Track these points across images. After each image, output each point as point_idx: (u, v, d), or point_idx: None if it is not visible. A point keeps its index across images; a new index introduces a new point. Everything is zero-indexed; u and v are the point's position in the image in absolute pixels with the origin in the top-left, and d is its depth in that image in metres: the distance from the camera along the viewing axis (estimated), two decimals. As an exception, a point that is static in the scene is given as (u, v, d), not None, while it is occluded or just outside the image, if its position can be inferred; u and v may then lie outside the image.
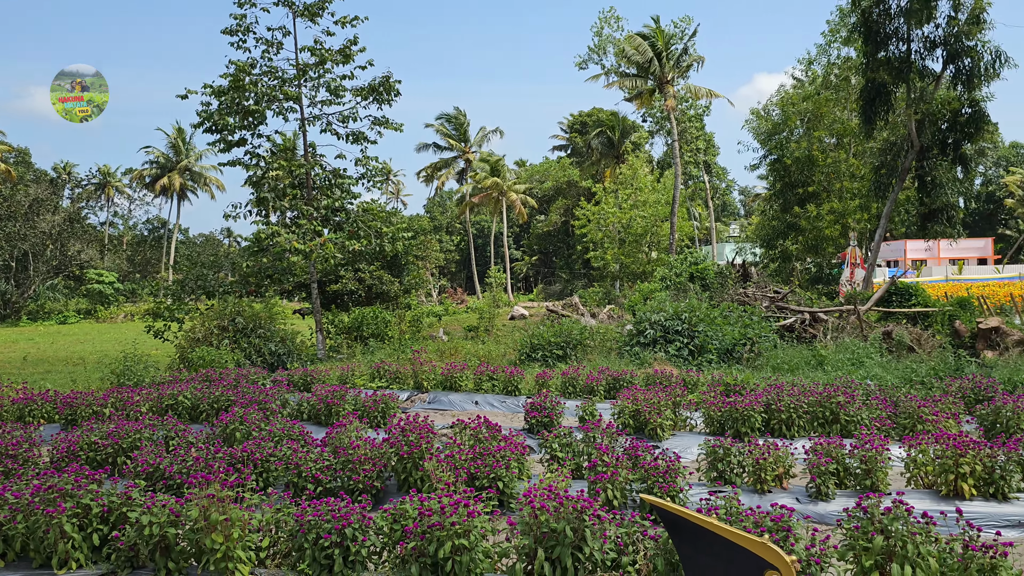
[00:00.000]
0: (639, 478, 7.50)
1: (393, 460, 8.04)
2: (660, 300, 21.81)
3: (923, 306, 23.37)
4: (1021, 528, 7.02)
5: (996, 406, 9.92)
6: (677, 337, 18.53)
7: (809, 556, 4.60)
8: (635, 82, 45.69)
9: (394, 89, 21.68)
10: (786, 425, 10.46)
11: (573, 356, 19.24)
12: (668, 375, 14.06)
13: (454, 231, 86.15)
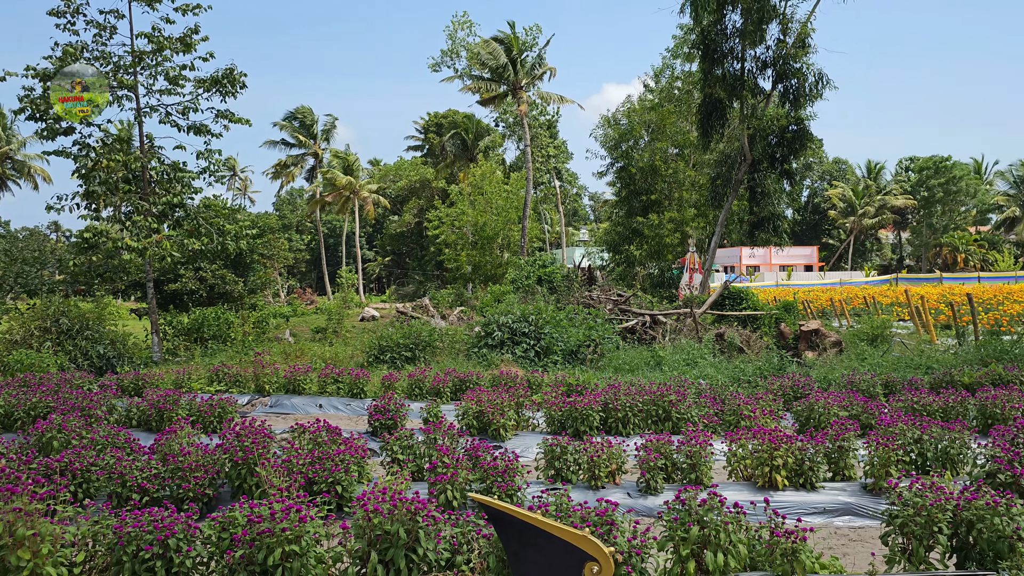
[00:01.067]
0: (479, 478, 7.60)
1: (227, 466, 7.78)
2: (509, 302, 22.17)
3: (753, 309, 24.89)
4: (825, 515, 7.63)
5: (810, 403, 10.72)
6: (524, 339, 18.89)
7: (631, 547, 4.82)
8: (489, 86, 46.23)
9: (239, 81, 20.93)
10: (622, 423, 10.88)
11: (422, 358, 19.23)
12: (513, 376, 14.31)
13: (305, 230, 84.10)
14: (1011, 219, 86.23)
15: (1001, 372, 13.47)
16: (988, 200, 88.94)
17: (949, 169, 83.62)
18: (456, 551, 5.58)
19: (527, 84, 46.36)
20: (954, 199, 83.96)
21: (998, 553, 5.19)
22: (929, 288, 48.32)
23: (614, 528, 4.89)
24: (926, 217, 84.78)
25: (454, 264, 48.71)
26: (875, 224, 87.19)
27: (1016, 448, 7.50)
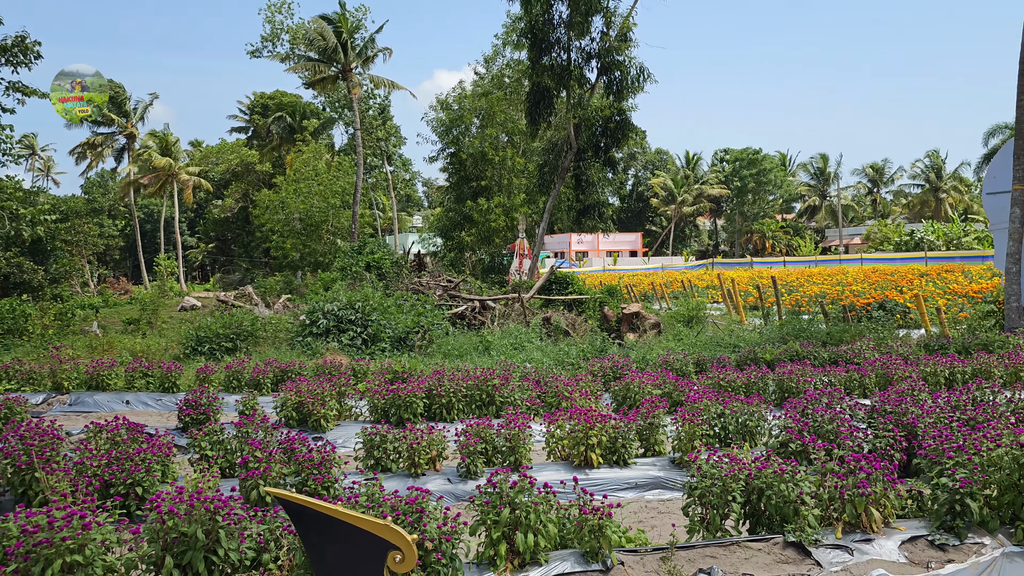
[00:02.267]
0: (293, 472, 7.34)
1: (8, 472, 7.09)
2: (336, 290, 21.66)
3: (578, 294, 25.65)
4: (637, 489, 7.94)
5: (626, 383, 11.13)
6: (351, 327, 18.52)
7: (441, 534, 4.78)
8: (318, 67, 44.80)
9: (32, 51, 19.15)
10: (446, 409, 10.87)
11: (243, 349, 18.44)
12: (338, 365, 13.98)
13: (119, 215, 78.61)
14: (812, 207, 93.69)
15: (798, 349, 14.55)
16: (792, 190, 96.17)
17: (759, 161, 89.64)
18: (263, 549, 5.34)
19: (357, 66, 45.35)
20: (763, 189, 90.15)
21: (784, 517, 5.55)
22: (741, 272, 51.71)
23: (424, 515, 4.83)
24: (739, 205, 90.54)
25: (280, 251, 47.05)
26: (694, 212, 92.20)
27: (805, 419, 8.09)
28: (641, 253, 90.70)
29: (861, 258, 57.44)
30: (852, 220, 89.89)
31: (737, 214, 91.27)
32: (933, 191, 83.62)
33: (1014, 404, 8.63)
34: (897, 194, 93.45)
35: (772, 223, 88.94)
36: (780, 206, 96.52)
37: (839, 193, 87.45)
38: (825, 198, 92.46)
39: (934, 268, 40.92)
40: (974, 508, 5.37)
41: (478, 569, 5.21)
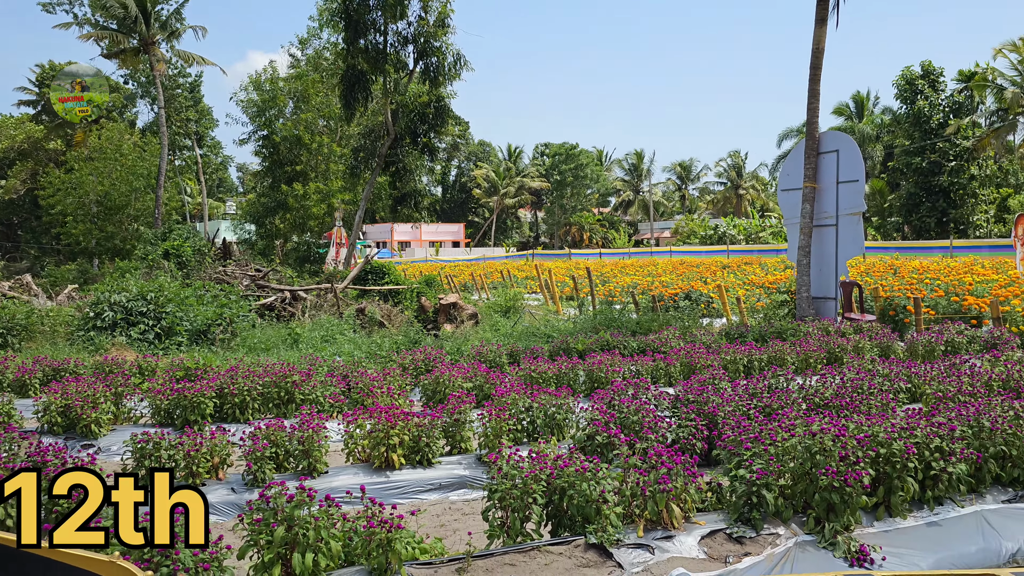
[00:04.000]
0: (45, 488, 6.32)
1: None
2: (128, 280, 19.82)
3: (395, 284, 25.01)
4: (441, 490, 7.50)
5: (436, 376, 10.68)
6: (142, 319, 16.95)
7: (198, 562, 4.10)
8: (116, 37, 41.18)
9: None
10: (240, 409, 9.98)
11: (15, 345, 16.44)
12: (121, 362, 12.64)
13: None
14: (626, 202, 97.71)
15: (609, 338, 14.70)
16: (608, 185, 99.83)
17: (577, 155, 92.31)
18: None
19: (161, 40, 42.13)
20: (581, 183, 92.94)
21: (587, 517, 5.28)
22: (559, 263, 52.84)
23: (178, 541, 4.12)
24: (558, 199, 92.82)
25: (72, 237, 42.97)
26: (515, 204, 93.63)
27: (612, 410, 7.97)
28: (464, 244, 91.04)
29: (670, 251, 60.31)
30: (663, 215, 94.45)
31: (556, 207, 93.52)
32: (734, 189, 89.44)
33: (805, 391, 8.94)
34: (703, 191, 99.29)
35: (589, 216, 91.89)
36: (597, 200, 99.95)
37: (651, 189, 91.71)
38: (639, 193, 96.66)
39: (735, 260, 43.57)
40: (769, 499, 5.32)
41: (248, 597, 4.57)
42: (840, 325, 15.71)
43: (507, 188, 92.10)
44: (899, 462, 5.49)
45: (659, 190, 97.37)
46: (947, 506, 5.80)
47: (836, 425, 5.67)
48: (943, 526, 5.58)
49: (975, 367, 9.84)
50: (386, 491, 7.25)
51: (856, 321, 16.13)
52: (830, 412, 7.43)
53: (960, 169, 51.09)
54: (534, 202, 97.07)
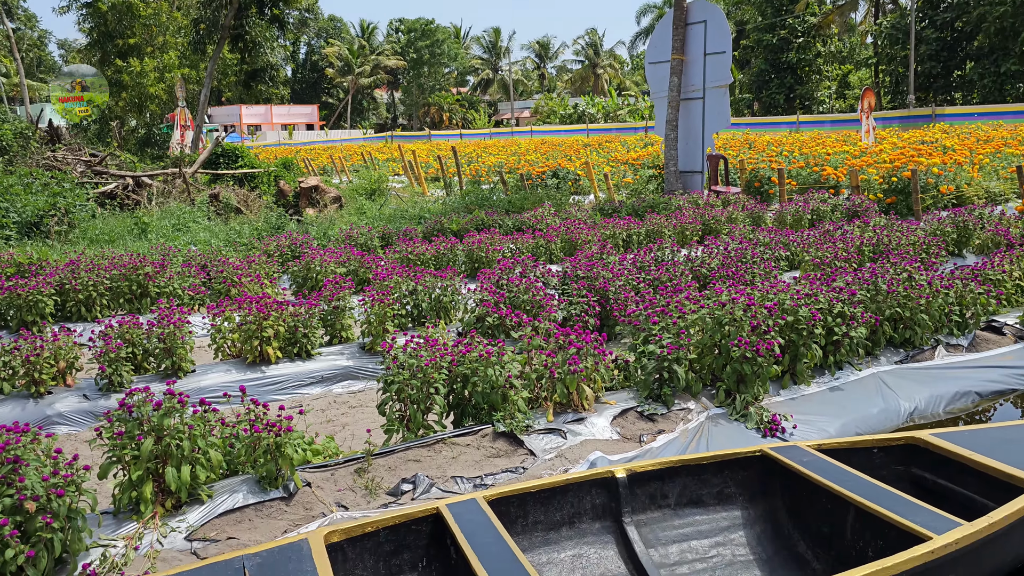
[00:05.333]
0: None
1: None
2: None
3: (250, 167, 23.41)
4: (324, 383, 6.96)
5: (307, 261, 9.94)
6: (-40, 212, 15.02)
7: (49, 487, 3.43)
8: None
9: None
10: (86, 307, 8.94)
11: None
12: (-62, 260, 11.10)
13: None
14: (485, 81, 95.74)
15: (483, 217, 14.23)
16: (467, 63, 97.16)
17: (433, 32, 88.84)
18: None
19: None
20: (438, 61, 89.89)
21: (492, 404, 4.91)
22: (420, 144, 51.46)
23: (20, 465, 3.43)
24: (415, 78, 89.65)
25: None
26: (371, 84, 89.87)
27: (501, 290, 7.57)
28: (319, 126, 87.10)
29: (531, 130, 59.86)
30: (522, 94, 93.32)
31: (414, 86, 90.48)
32: (592, 67, 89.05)
33: (691, 262, 8.83)
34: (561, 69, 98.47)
35: (448, 96, 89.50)
36: (455, 79, 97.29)
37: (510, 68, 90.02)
38: (497, 72, 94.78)
39: (596, 139, 43.69)
40: (680, 373, 5.11)
41: (116, 520, 3.95)
42: (708, 198, 15.86)
43: (362, 67, 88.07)
44: (805, 329, 5.39)
45: (518, 68, 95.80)
46: (846, 370, 5.80)
47: (743, 294, 5.48)
48: (845, 390, 5.58)
49: (848, 233, 10.03)
50: (263, 387, 6.64)
51: (723, 194, 16.34)
52: (717, 283, 7.32)
53: (807, 46, 52.62)
54: (390, 82, 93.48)
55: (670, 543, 3.79)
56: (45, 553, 3.40)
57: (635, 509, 3.81)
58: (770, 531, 3.87)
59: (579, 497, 3.74)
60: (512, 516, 3.62)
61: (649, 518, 3.83)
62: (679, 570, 3.68)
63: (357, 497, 4.23)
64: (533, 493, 3.64)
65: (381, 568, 3.38)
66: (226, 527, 3.94)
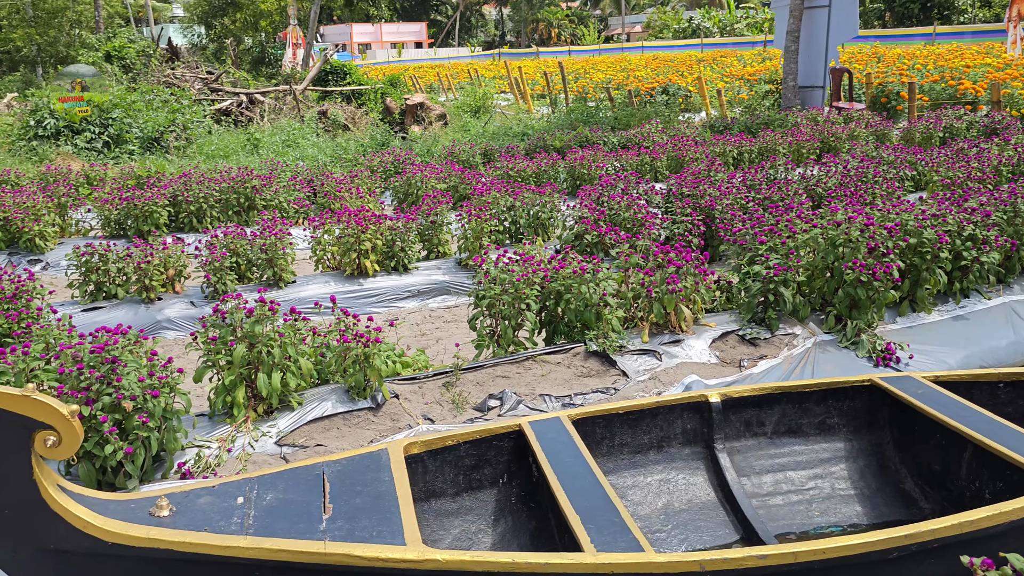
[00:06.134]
0: (-24, 308, 5.68)
1: None
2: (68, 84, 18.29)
3: (357, 84, 23.53)
4: (419, 297, 6.97)
5: (407, 177, 9.91)
6: (87, 127, 15.68)
7: (146, 388, 3.52)
8: None
9: None
10: (197, 218, 9.23)
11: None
12: (66, 171, 11.66)
13: None
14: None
15: (588, 134, 13.86)
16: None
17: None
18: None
19: None
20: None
21: (585, 323, 4.76)
22: (527, 61, 50.52)
23: (118, 366, 3.52)
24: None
25: (10, 44, 39.87)
26: (479, 0, 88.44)
27: (601, 207, 7.34)
28: (427, 44, 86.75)
29: (642, 46, 57.81)
30: (634, 8, 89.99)
31: (523, 2, 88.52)
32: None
33: (806, 181, 8.33)
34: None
35: (557, 11, 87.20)
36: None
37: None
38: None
39: (710, 54, 41.78)
40: (787, 296, 4.81)
41: (211, 423, 4.05)
42: (829, 114, 14.93)
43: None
44: (930, 252, 4.96)
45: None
46: (974, 299, 5.35)
47: (861, 213, 5.08)
48: (971, 320, 5.15)
49: (984, 151, 9.23)
50: (360, 300, 6.70)
51: (845, 110, 15.34)
52: (851, 202, 6.86)
53: (949, -53, 48.39)
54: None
55: (764, 472, 3.60)
56: (142, 450, 3.51)
57: (728, 436, 3.62)
58: (875, 465, 3.62)
59: (669, 421, 3.58)
60: (597, 437, 3.50)
61: (743, 446, 3.64)
62: (772, 500, 3.50)
63: (444, 411, 4.20)
64: (620, 414, 3.50)
65: (461, 481, 3.33)
66: (314, 434, 3.98)
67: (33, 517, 2.59)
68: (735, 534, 3.31)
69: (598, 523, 2.65)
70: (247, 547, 2.52)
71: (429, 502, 3.31)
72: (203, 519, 2.65)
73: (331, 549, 2.51)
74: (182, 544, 2.53)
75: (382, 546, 2.53)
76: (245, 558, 2.53)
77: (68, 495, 2.61)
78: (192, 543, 2.53)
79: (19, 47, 39.15)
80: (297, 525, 2.64)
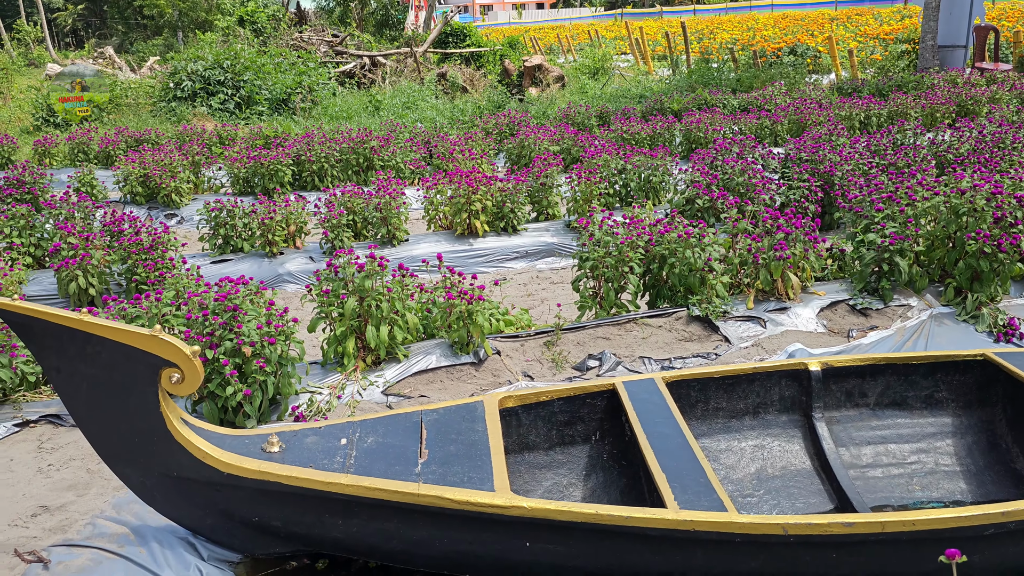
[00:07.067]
0: (119, 259, 6.16)
1: None
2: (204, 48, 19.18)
3: (477, 46, 23.67)
4: (527, 258, 7.07)
5: (520, 138, 9.98)
6: (220, 88, 16.48)
7: (263, 335, 3.76)
8: None
9: None
10: (318, 177, 9.61)
11: (103, 118, 16.35)
12: (200, 131, 12.34)
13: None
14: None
15: (707, 96, 13.53)
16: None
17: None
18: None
19: None
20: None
21: (689, 287, 4.74)
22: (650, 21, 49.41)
23: (239, 314, 3.77)
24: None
25: (154, 10, 42.12)
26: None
27: (714, 171, 7.20)
28: (549, 5, 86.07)
29: (772, 4, 55.44)
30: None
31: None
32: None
33: (936, 146, 7.90)
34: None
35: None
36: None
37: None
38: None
39: (844, 12, 39.67)
40: (903, 266, 4.63)
41: (323, 371, 4.29)
42: (970, 76, 14.02)
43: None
44: (1064, 224, 4.65)
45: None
46: (1114, 274, 4.99)
47: (988, 181, 4.80)
48: (1108, 297, 4.82)
49: None
50: (469, 259, 6.85)
51: (989, 71, 14.38)
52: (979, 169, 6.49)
53: None
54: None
55: (864, 444, 3.52)
56: (260, 393, 3.76)
57: (828, 405, 3.55)
58: (984, 443, 3.48)
59: (766, 388, 3.55)
60: (692, 400, 3.51)
61: (843, 416, 3.57)
62: (871, 472, 3.43)
63: (543, 368, 4.29)
64: (716, 379, 3.49)
65: (555, 436, 3.42)
66: (419, 385, 4.15)
67: (160, 446, 2.84)
68: (829, 503, 3.27)
69: (683, 482, 2.68)
70: (347, 484, 2.69)
71: (522, 454, 3.41)
72: (309, 457, 2.85)
73: (424, 491, 2.65)
74: (289, 478, 2.73)
75: (472, 491, 2.66)
76: (345, 494, 2.70)
77: (191, 428, 2.85)
78: (297, 477, 2.73)
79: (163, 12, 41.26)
80: (394, 467, 2.80)
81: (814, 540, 2.48)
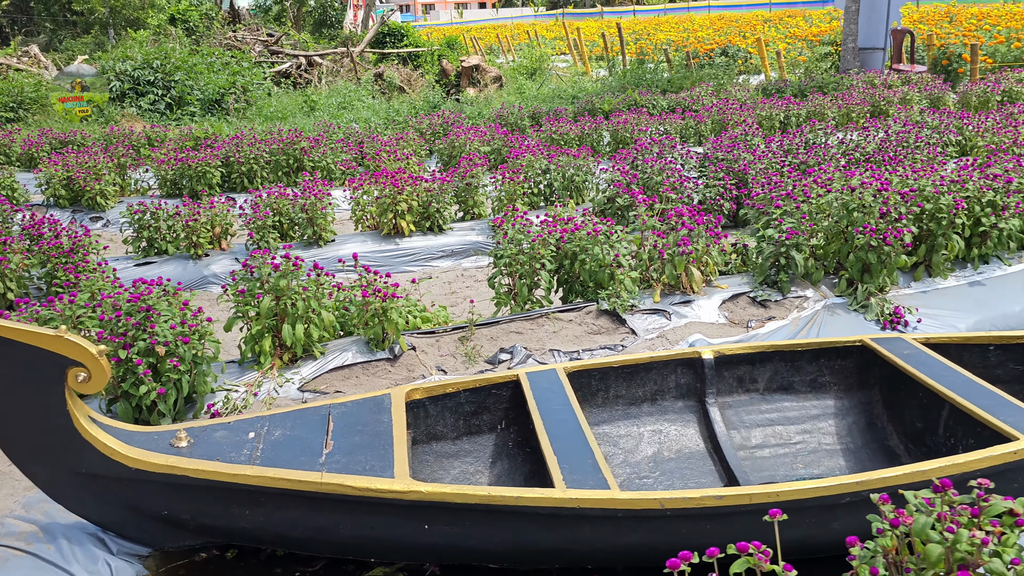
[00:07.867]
0: (38, 263, 6.12)
1: None
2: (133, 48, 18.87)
3: (415, 46, 23.72)
4: (453, 257, 7.21)
5: (452, 139, 10.11)
6: (151, 89, 16.28)
7: (177, 335, 3.83)
8: None
9: None
10: (248, 178, 9.61)
11: (27, 118, 16.00)
12: (128, 133, 12.19)
13: None
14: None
15: (637, 97, 13.84)
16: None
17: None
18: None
19: None
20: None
21: (599, 283, 4.94)
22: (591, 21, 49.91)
23: (152, 315, 3.84)
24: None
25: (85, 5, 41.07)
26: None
27: (635, 171, 7.43)
28: (491, 4, 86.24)
29: (709, 5, 56.48)
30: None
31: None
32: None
33: (845, 145, 8.27)
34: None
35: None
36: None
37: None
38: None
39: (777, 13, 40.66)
40: (799, 259, 4.89)
41: (240, 369, 4.37)
42: (887, 77, 14.59)
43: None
44: (945, 218, 4.97)
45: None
46: (993, 265, 5.34)
47: (878, 179, 5.10)
48: (987, 286, 5.16)
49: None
50: (395, 259, 6.97)
51: (905, 72, 14.97)
52: (872, 167, 6.84)
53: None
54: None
55: (753, 427, 3.75)
56: (174, 391, 3.84)
57: (720, 391, 3.78)
58: (862, 423, 3.74)
59: (663, 375, 3.75)
60: (593, 389, 3.69)
61: (735, 401, 3.80)
62: (759, 453, 3.66)
63: (457, 363, 4.44)
64: (615, 368, 3.68)
65: (462, 426, 3.57)
66: (335, 382, 4.27)
67: (68, 444, 2.92)
68: (719, 482, 3.48)
69: (572, 463, 2.86)
70: (252, 475, 2.81)
71: (430, 444, 3.56)
72: (217, 450, 2.95)
73: (327, 479, 2.78)
74: (195, 471, 2.83)
75: (372, 478, 2.79)
76: (250, 485, 2.82)
77: (98, 426, 2.93)
78: (204, 470, 2.83)
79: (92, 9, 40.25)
80: (299, 458, 2.92)
81: (689, 513, 2.67)
